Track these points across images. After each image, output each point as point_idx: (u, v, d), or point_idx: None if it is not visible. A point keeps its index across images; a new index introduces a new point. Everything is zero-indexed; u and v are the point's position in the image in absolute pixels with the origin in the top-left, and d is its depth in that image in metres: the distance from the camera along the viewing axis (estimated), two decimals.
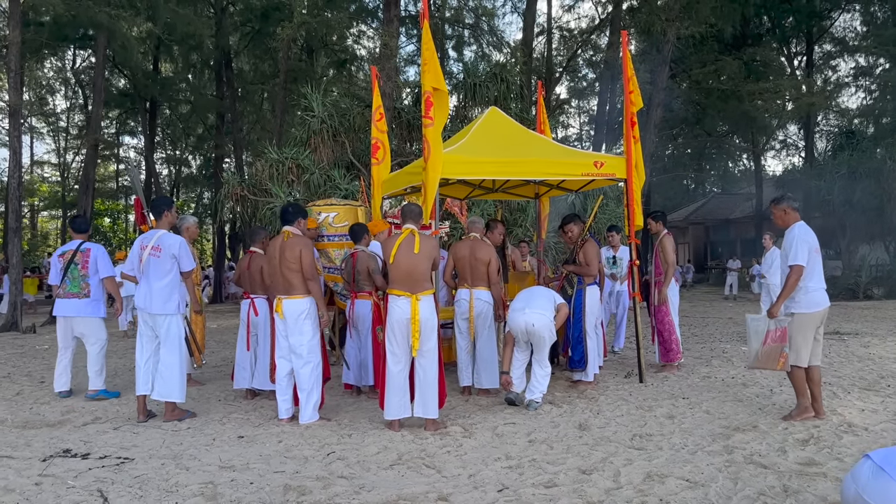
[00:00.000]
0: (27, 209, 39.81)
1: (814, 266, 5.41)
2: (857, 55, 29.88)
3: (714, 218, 35.27)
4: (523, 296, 6.47)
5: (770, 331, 5.42)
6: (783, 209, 5.66)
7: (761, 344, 5.46)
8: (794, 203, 5.67)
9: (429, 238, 5.59)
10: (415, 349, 5.39)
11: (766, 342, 5.43)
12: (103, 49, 20.83)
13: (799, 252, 5.35)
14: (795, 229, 5.50)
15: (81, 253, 7.10)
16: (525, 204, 12.98)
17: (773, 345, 5.41)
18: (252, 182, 14.01)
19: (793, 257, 5.37)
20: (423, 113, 6.26)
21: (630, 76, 7.45)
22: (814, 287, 5.42)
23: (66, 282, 7.08)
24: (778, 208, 5.67)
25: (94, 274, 7.09)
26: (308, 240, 5.81)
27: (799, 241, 5.38)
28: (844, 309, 16.78)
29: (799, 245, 5.37)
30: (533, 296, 6.41)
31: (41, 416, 6.22)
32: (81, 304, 7.07)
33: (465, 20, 27.91)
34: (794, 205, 5.66)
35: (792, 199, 5.69)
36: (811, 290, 5.40)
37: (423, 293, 5.43)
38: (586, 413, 5.95)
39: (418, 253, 5.41)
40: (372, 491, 3.99)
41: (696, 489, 3.95)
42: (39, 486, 4.17)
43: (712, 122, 32.03)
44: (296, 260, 5.58)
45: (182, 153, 38.94)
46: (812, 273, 5.40)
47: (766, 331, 5.44)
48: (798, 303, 5.41)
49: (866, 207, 21.02)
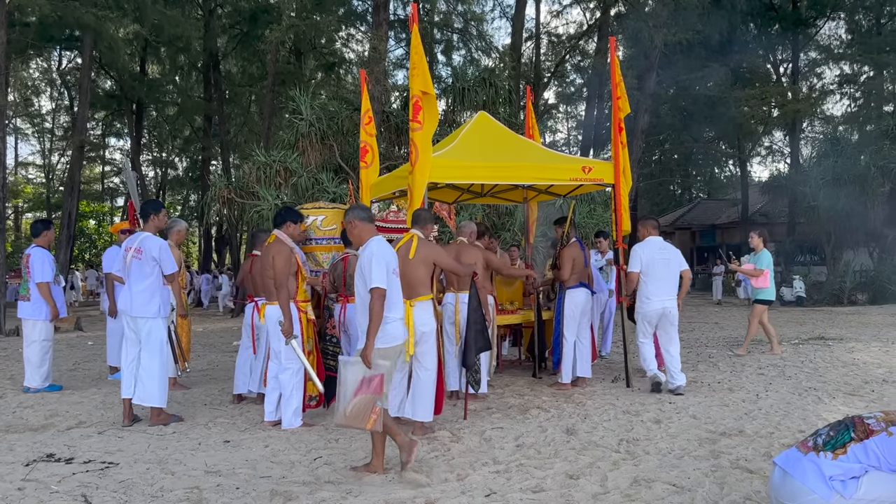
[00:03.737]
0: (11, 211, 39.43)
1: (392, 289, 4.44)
2: (842, 63, 30.21)
3: (700, 223, 35.46)
4: (656, 285, 6.90)
5: (365, 379, 4.23)
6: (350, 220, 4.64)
7: (352, 395, 4.20)
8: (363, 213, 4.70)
9: (428, 243, 5.55)
10: (408, 354, 5.37)
11: (359, 393, 4.20)
12: (90, 50, 20.74)
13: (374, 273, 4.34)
14: (369, 245, 4.49)
15: (27, 256, 7.56)
16: (513, 208, 13.00)
17: (367, 396, 4.19)
18: (239, 185, 13.97)
19: (371, 279, 4.33)
20: (410, 117, 6.26)
21: (618, 82, 7.48)
22: (391, 317, 4.45)
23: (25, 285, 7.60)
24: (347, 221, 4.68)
25: (32, 278, 7.47)
26: (283, 245, 5.68)
27: (376, 260, 4.37)
28: (829, 314, 16.92)
29: (374, 265, 4.35)
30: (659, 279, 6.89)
31: (24, 420, 6.15)
32: (25, 306, 7.54)
33: (454, 25, 27.99)
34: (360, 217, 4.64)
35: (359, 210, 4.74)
36: (389, 320, 4.40)
37: (419, 299, 5.38)
38: (574, 418, 5.96)
39: (413, 258, 5.37)
40: (359, 496, 3.98)
41: (682, 494, 3.97)
42: (22, 490, 4.12)
43: (699, 128, 32.27)
44: (270, 265, 5.58)
45: (169, 155, 38.77)
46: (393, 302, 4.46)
47: (360, 378, 4.23)
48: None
49: (851, 213, 21.18)
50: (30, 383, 7.47)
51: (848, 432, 2.97)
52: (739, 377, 7.77)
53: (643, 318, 7.04)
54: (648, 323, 7.03)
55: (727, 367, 8.52)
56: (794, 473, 2.96)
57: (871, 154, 21.28)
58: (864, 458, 2.86)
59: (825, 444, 2.98)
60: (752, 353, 9.54)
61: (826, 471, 2.88)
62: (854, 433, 2.94)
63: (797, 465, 2.99)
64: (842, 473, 2.87)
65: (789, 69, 30.37)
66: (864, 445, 2.88)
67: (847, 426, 3.01)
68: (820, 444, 3.00)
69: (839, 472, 2.88)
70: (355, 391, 4.20)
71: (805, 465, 2.95)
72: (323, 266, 7.61)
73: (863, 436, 2.91)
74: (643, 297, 6.99)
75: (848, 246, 23.25)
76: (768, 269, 9.10)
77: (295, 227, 5.94)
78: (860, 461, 2.87)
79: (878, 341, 10.68)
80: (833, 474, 2.87)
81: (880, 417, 2.98)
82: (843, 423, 3.05)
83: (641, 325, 7.10)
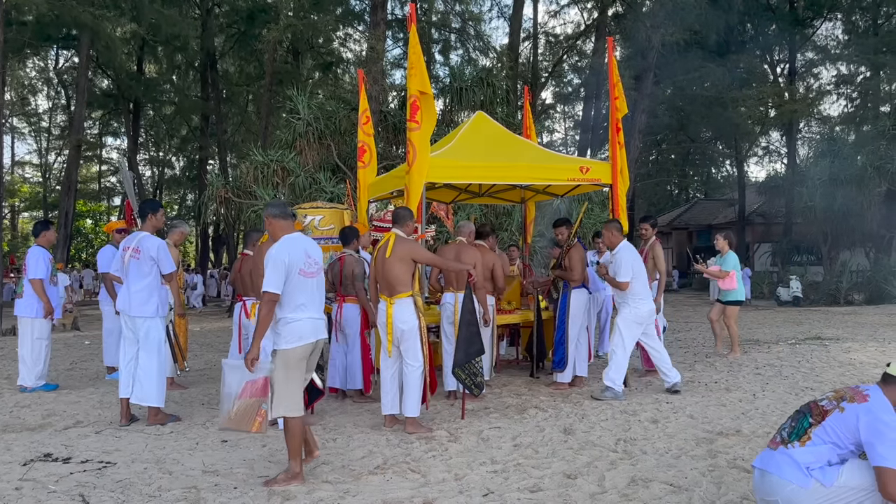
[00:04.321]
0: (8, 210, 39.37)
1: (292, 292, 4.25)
2: (839, 63, 30.27)
3: (697, 223, 35.51)
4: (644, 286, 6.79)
5: (249, 382, 4.22)
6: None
7: (237, 397, 4.23)
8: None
9: (405, 241, 5.58)
10: (388, 350, 5.55)
11: (244, 396, 4.21)
12: (87, 49, 20.70)
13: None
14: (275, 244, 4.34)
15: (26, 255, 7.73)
16: (511, 208, 13.01)
17: (252, 399, 4.20)
18: (237, 184, 13.96)
19: (263, 283, 4.19)
20: (408, 116, 6.26)
21: (615, 82, 7.48)
22: (299, 317, 4.26)
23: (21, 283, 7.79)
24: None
25: (26, 275, 7.60)
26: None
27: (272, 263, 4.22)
28: (825, 314, 16.95)
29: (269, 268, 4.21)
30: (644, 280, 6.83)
31: (21, 420, 6.14)
32: (19, 303, 7.63)
33: (451, 24, 28.00)
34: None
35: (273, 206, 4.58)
36: (294, 319, 4.24)
37: (399, 296, 5.46)
38: (571, 417, 5.96)
39: (390, 256, 5.45)
40: (357, 496, 3.98)
41: (679, 493, 3.98)
42: (20, 490, 4.11)
43: (696, 128, 32.33)
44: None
45: (166, 155, 38.73)
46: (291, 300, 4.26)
47: (243, 381, 4.23)
48: (279, 336, 4.27)
49: (847, 214, 21.22)
50: (23, 382, 7.47)
51: (806, 419, 3.07)
52: (736, 377, 7.78)
53: (637, 320, 6.86)
54: (640, 325, 6.91)
55: (724, 366, 8.53)
56: (770, 469, 3.05)
57: (868, 154, 21.31)
58: (826, 438, 2.96)
59: (790, 436, 3.08)
60: (749, 353, 9.56)
61: (799, 459, 2.97)
62: (812, 418, 3.05)
63: (771, 461, 3.07)
64: (815, 460, 2.96)
65: (786, 69, 30.42)
66: (823, 427, 2.98)
67: (804, 413, 3.11)
68: (786, 436, 3.10)
69: (812, 458, 2.96)
70: (240, 394, 4.19)
71: (778, 459, 3.04)
72: None
73: (819, 419, 3.01)
74: (638, 299, 6.82)
75: (845, 246, 23.30)
76: (734, 270, 9.10)
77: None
78: (825, 442, 2.96)
79: (874, 341, 10.70)
80: (807, 462, 2.96)
81: (831, 397, 3.08)
82: (801, 412, 3.15)
83: (632, 328, 6.86)
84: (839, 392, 3.07)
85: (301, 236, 4.51)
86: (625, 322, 6.87)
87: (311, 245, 4.47)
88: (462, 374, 5.97)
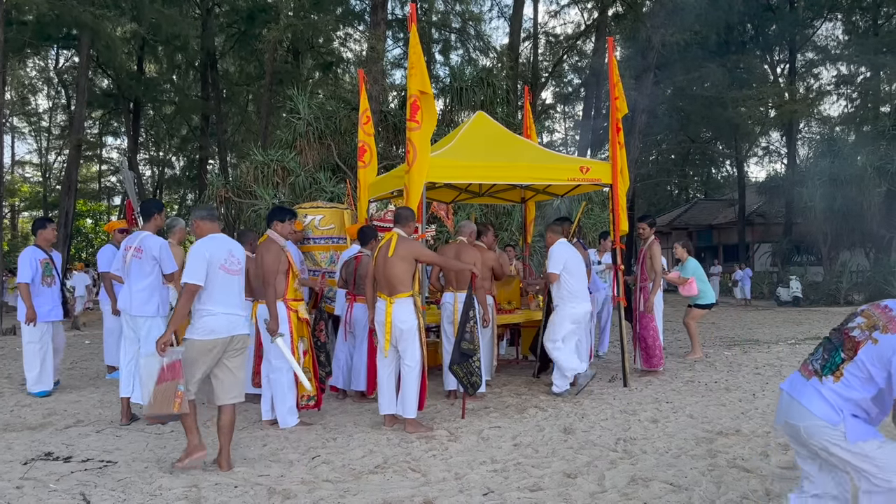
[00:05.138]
0: (8, 210, 39.37)
1: (211, 286, 4.48)
2: (839, 63, 30.26)
3: (697, 223, 35.50)
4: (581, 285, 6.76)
5: (163, 367, 4.42)
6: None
7: (154, 384, 4.42)
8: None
9: (407, 241, 5.59)
10: (385, 350, 5.56)
11: (161, 381, 4.41)
12: (87, 49, 20.68)
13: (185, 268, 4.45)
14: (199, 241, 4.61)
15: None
16: (511, 208, 13.02)
17: (167, 383, 4.39)
18: (237, 184, 13.96)
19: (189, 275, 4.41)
20: (408, 116, 6.27)
21: (615, 82, 7.50)
22: (213, 311, 4.47)
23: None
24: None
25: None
26: (273, 244, 5.64)
27: (194, 255, 4.47)
28: (825, 315, 16.96)
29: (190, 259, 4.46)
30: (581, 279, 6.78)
31: (22, 419, 6.15)
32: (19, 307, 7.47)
33: (451, 24, 27.98)
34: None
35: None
36: (208, 313, 4.46)
37: (399, 296, 5.48)
38: (571, 417, 5.97)
39: (392, 256, 5.47)
40: (357, 495, 3.99)
41: (679, 493, 3.98)
42: (21, 489, 4.12)
43: (696, 128, 32.30)
44: (260, 265, 5.59)
45: (166, 154, 38.68)
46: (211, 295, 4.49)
47: (159, 368, 4.43)
48: (193, 326, 4.52)
49: (847, 214, 21.24)
50: (29, 386, 7.28)
51: (838, 352, 2.97)
52: (736, 377, 7.79)
53: (571, 318, 6.86)
54: (576, 323, 6.92)
55: (724, 366, 8.55)
56: (802, 399, 2.97)
57: (868, 155, 21.32)
58: (859, 374, 2.87)
59: (823, 369, 2.98)
60: (749, 353, 9.57)
61: (831, 398, 2.90)
62: (844, 352, 2.95)
63: (804, 391, 2.99)
64: (847, 401, 2.88)
65: (786, 70, 30.41)
66: (855, 363, 2.89)
67: (836, 346, 3.01)
68: (818, 368, 3.01)
69: (844, 399, 2.88)
70: (157, 380, 4.38)
71: (811, 391, 2.96)
72: (321, 265, 7.63)
73: (851, 353, 2.91)
74: (572, 298, 6.85)
75: (844, 246, 23.31)
76: (693, 277, 9.12)
77: (283, 225, 5.84)
78: (859, 378, 2.87)
79: None
80: (840, 404, 2.88)
81: (863, 325, 2.97)
82: (832, 344, 3.03)
83: (564, 326, 6.87)
84: (870, 318, 2.94)
85: (226, 238, 4.74)
86: (560, 319, 6.88)
87: (236, 246, 4.72)
88: (460, 371, 5.99)
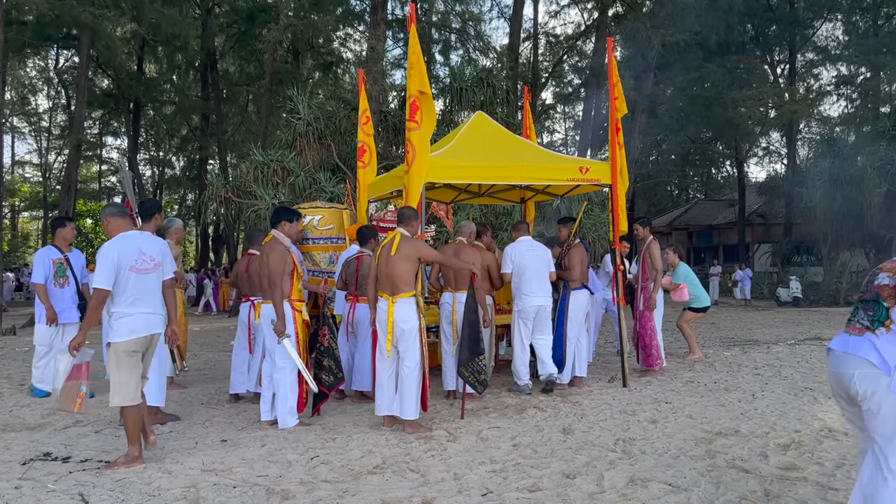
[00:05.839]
0: (8, 209, 39.39)
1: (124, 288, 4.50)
2: (839, 64, 30.28)
3: (697, 224, 35.51)
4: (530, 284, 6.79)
5: (73, 366, 4.58)
6: None
7: (63, 380, 4.62)
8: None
9: (410, 240, 5.58)
10: (387, 350, 5.53)
11: (69, 379, 4.57)
12: (87, 49, 20.67)
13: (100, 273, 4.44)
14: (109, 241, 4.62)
15: None
16: (510, 208, 13.01)
17: (73, 382, 4.52)
18: (237, 184, 13.95)
19: (97, 280, 4.44)
20: (407, 116, 6.26)
21: (615, 82, 7.49)
22: (132, 312, 4.53)
23: None
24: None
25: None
26: (278, 244, 5.65)
27: (101, 260, 4.46)
28: (825, 315, 16.96)
29: (98, 264, 4.46)
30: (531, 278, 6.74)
31: (21, 419, 6.15)
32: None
33: (451, 25, 28.00)
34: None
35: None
36: (125, 314, 4.51)
37: (401, 296, 5.47)
38: (570, 417, 5.97)
39: (394, 255, 5.46)
40: (356, 495, 3.99)
41: (678, 493, 3.98)
42: (19, 489, 4.12)
43: (696, 128, 32.29)
44: (265, 265, 5.59)
45: (166, 154, 38.72)
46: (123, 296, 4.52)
47: (71, 366, 4.61)
48: (112, 329, 4.56)
49: (847, 214, 21.25)
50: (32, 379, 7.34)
51: (880, 305, 2.95)
52: (736, 377, 7.79)
53: (520, 316, 7.00)
54: (525, 321, 6.99)
55: (724, 367, 8.54)
56: (858, 352, 2.93)
57: (868, 155, 21.32)
58: None
59: (874, 322, 2.96)
60: (749, 354, 9.57)
61: (884, 349, 2.87)
62: (886, 301, 2.93)
63: (859, 346, 2.95)
64: None
65: (786, 70, 30.43)
66: None
67: (873, 300, 2.99)
68: (868, 324, 2.98)
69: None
70: (67, 378, 4.52)
71: (866, 345, 2.93)
72: (320, 266, 7.62)
73: (892, 301, 2.91)
74: (520, 295, 6.97)
75: (844, 246, 23.31)
76: (685, 282, 9.11)
77: (290, 225, 5.89)
78: None
79: None
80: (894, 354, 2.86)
81: (890, 272, 2.98)
82: (868, 301, 3.02)
83: (518, 325, 7.03)
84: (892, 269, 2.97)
85: (138, 234, 4.72)
86: (513, 316, 7.11)
87: (148, 243, 4.69)
88: (466, 372, 5.99)
